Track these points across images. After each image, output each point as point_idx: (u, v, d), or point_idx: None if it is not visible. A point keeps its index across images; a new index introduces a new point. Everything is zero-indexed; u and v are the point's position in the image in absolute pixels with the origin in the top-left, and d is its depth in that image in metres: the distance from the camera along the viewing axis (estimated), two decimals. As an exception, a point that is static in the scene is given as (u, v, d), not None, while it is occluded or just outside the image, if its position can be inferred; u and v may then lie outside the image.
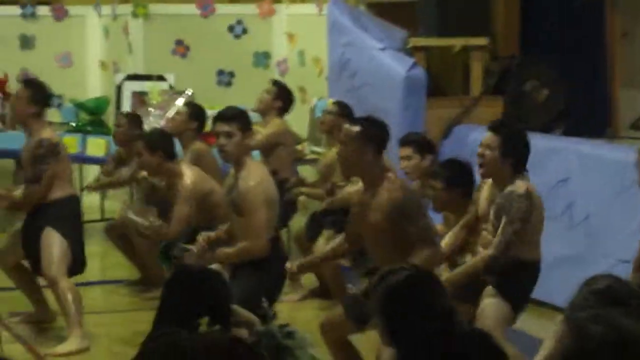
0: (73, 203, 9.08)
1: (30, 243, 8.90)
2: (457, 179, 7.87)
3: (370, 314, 6.78)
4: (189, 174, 9.03)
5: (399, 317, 4.15)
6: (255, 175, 7.78)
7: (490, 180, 7.55)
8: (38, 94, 8.97)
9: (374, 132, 7.05)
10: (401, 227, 6.80)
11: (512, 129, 7.63)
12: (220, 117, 7.96)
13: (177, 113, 10.43)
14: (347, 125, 7.15)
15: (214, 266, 7.58)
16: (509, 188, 7.25)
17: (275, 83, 11.39)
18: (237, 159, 7.82)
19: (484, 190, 7.66)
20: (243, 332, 4.81)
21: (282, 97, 11.14)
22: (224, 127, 7.82)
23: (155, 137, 9.38)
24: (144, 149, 9.12)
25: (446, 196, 7.85)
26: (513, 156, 7.32)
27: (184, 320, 4.20)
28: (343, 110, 10.52)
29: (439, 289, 4.29)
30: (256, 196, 7.68)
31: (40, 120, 8.94)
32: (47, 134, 8.90)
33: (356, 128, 7.00)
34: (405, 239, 6.81)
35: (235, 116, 7.93)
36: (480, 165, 7.52)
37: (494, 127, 7.54)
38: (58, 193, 8.87)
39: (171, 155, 9.14)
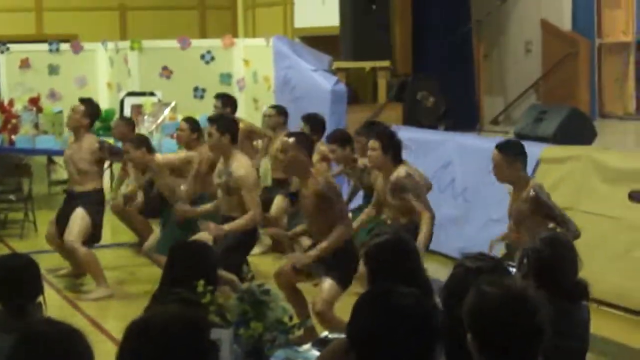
0: (101, 195, 8.82)
1: (63, 219, 8.66)
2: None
3: (308, 273, 6.70)
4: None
5: (378, 263, 4.14)
6: (244, 165, 7.43)
7: (379, 172, 7.41)
8: (92, 110, 8.76)
9: (305, 140, 6.83)
10: (323, 209, 6.59)
11: (386, 133, 7.40)
12: (207, 119, 7.79)
13: (180, 129, 9.23)
14: (285, 138, 6.89)
15: (202, 236, 7.33)
16: (394, 174, 7.12)
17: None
18: (221, 152, 7.46)
19: (378, 181, 7.49)
20: (227, 289, 4.67)
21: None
22: (208, 129, 7.57)
23: (142, 139, 8.85)
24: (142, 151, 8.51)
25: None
26: (391, 152, 7.17)
27: (184, 282, 4.03)
28: (277, 110, 10.35)
29: (410, 250, 4.28)
30: (249, 180, 7.37)
31: (87, 130, 8.75)
32: (93, 139, 8.74)
33: (292, 139, 6.75)
34: (326, 216, 6.59)
35: (213, 120, 7.68)
36: (370, 163, 7.39)
37: (374, 135, 7.37)
38: (93, 185, 8.69)
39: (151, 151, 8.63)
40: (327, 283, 6.52)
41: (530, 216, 6.50)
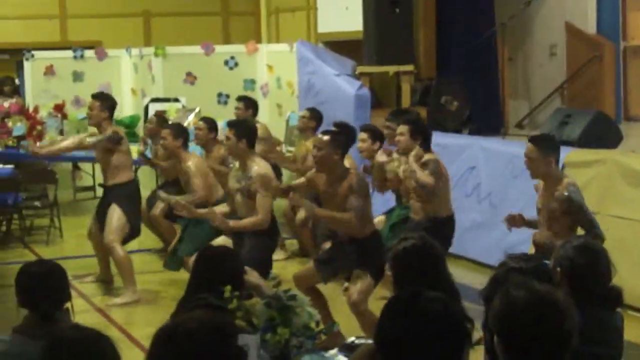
0: (133, 186, 8.90)
1: (101, 215, 8.74)
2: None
3: (334, 272, 6.77)
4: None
5: (404, 268, 4.20)
6: (263, 168, 7.42)
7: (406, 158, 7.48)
8: (107, 103, 8.77)
9: (341, 140, 6.85)
10: (350, 199, 6.58)
11: (415, 119, 7.59)
12: (227, 123, 7.86)
13: (198, 128, 9.56)
14: (320, 135, 6.94)
15: (224, 240, 7.36)
16: (424, 157, 7.20)
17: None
18: (238, 157, 7.48)
19: (400, 169, 7.57)
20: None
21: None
22: (226, 132, 7.60)
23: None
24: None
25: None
26: (420, 138, 7.27)
27: (209, 287, 4.05)
28: (313, 114, 10.31)
29: (436, 254, 4.33)
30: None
31: (110, 122, 8.74)
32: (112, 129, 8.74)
33: (327, 137, 6.78)
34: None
35: (230, 125, 7.71)
36: (399, 148, 7.50)
37: (403, 120, 7.55)
38: (123, 178, 8.70)
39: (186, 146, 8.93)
40: (362, 274, 6.58)
41: (560, 217, 6.43)
